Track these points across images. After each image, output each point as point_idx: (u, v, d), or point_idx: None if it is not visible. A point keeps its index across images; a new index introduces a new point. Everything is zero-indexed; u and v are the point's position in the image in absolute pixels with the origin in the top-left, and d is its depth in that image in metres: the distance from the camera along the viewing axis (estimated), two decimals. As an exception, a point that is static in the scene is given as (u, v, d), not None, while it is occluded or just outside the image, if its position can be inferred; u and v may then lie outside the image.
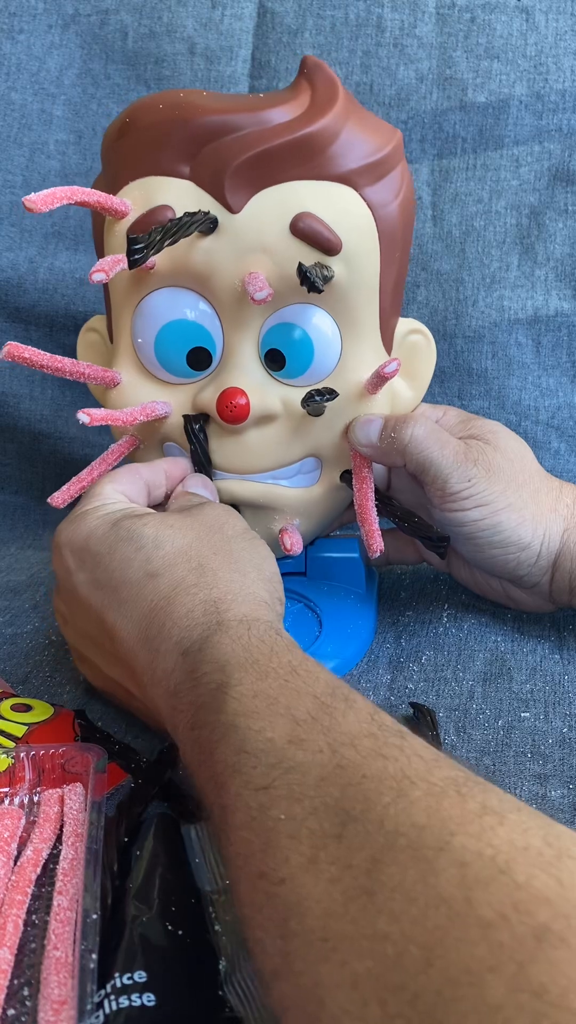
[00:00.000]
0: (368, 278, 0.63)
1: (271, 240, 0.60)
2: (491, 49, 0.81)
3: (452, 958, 0.29)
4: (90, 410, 0.61)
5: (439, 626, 0.70)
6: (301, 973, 0.32)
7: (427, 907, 0.30)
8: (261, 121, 0.59)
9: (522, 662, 0.65)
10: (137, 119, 0.62)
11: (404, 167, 0.65)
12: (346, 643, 0.66)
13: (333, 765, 0.37)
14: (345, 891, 0.33)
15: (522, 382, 0.82)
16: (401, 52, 0.82)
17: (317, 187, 0.60)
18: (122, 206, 0.61)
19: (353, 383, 0.63)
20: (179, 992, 0.40)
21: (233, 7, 0.84)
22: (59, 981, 0.40)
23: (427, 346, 0.70)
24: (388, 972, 0.30)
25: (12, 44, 0.87)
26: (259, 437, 0.64)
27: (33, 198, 0.55)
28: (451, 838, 0.32)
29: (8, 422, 0.91)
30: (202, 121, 0.59)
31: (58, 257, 0.87)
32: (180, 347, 0.63)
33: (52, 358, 0.62)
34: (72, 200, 0.58)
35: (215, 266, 0.61)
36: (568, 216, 0.81)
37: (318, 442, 0.65)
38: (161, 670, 0.49)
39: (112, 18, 0.86)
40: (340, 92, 0.61)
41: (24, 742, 0.57)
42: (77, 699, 0.64)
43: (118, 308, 0.65)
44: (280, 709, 0.41)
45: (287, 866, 0.35)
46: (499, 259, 0.82)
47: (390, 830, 0.33)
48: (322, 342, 0.62)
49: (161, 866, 0.47)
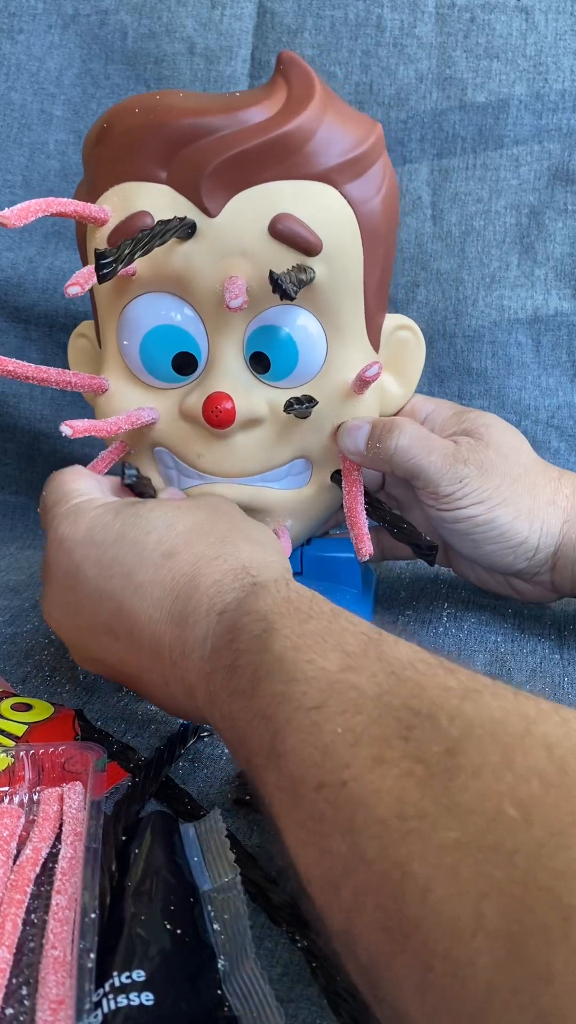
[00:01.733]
0: (351, 277, 0.62)
1: (250, 243, 0.59)
2: (491, 49, 0.81)
3: (551, 815, 0.28)
4: (72, 422, 0.61)
5: (439, 626, 0.70)
6: (375, 859, 0.31)
7: (517, 781, 0.29)
8: (236, 122, 0.59)
9: (522, 663, 0.65)
10: (114, 124, 0.62)
11: (385, 160, 0.64)
12: None
13: (392, 682, 0.36)
14: (419, 780, 0.31)
15: (522, 381, 0.82)
16: (401, 52, 0.82)
17: (295, 187, 0.59)
18: (100, 213, 0.61)
19: (340, 383, 0.63)
20: (178, 991, 0.40)
21: (233, 7, 0.84)
22: (57, 980, 0.40)
23: (416, 342, 0.70)
24: (480, 837, 0.29)
25: (12, 44, 0.87)
26: (246, 440, 0.64)
27: (7, 213, 0.55)
28: (532, 727, 0.31)
29: (8, 422, 0.91)
30: (177, 124, 0.59)
31: (58, 257, 0.87)
32: (165, 352, 0.63)
33: (37, 369, 0.61)
34: (48, 211, 0.58)
35: (195, 271, 0.60)
36: (568, 216, 0.81)
37: (306, 444, 0.65)
38: (192, 640, 0.47)
39: (112, 18, 0.86)
40: (316, 88, 0.60)
41: (24, 741, 0.57)
42: (77, 699, 0.64)
43: (104, 314, 0.65)
44: (330, 644, 0.40)
45: (349, 770, 0.33)
46: (499, 259, 0.82)
47: (464, 723, 0.32)
48: (306, 343, 0.62)
49: (159, 865, 0.47)
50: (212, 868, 0.48)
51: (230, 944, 0.44)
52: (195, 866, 0.48)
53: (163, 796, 0.54)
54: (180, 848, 0.48)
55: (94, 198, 0.62)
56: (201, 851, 0.49)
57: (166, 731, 0.61)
